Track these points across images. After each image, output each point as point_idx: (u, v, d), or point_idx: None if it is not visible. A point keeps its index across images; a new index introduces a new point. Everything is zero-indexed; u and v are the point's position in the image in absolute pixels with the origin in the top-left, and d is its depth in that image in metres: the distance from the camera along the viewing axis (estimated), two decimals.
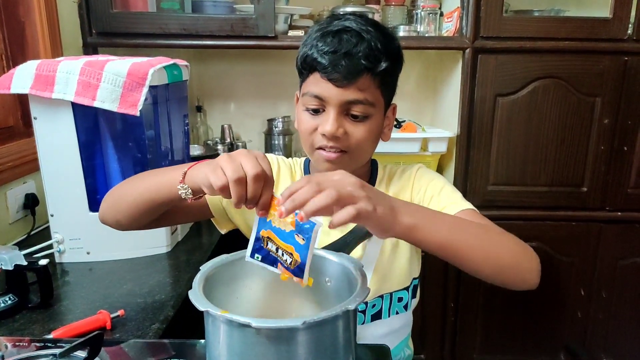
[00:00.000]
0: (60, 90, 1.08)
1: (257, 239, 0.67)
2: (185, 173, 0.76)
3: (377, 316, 0.95)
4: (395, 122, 1.92)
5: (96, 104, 1.07)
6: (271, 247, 0.66)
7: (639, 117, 1.70)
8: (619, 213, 1.77)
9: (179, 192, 0.76)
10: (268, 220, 0.66)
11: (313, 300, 0.74)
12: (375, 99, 0.85)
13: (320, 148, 0.86)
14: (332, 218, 0.61)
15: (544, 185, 1.75)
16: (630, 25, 1.64)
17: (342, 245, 0.78)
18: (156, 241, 1.24)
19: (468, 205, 0.89)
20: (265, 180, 0.65)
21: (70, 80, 1.07)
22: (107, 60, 1.11)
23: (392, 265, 0.95)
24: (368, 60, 0.81)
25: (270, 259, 0.67)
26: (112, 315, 0.90)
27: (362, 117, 0.85)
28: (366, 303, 0.93)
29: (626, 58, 1.65)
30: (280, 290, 0.74)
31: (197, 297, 0.59)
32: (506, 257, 0.76)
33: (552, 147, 1.72)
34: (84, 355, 0.68)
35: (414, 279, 0.99)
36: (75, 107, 1.10)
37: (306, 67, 0.85)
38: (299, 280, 0.64)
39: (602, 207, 1.77)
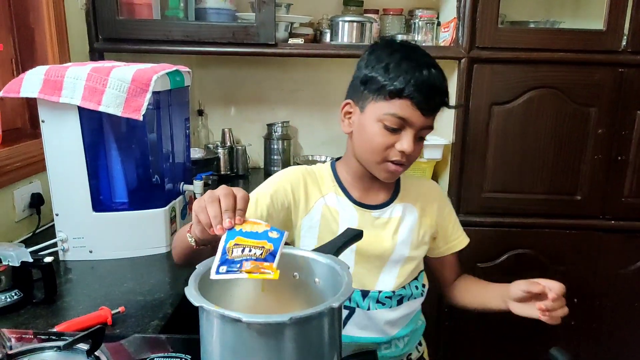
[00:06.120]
0: (68, 95, 1.12)
1: (224, 253, 0.69)
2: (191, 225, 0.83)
3: (401, 301, 1.11)
4: None
5: (101, 108, 1.11)
6: (236, 253, 0.68)
7: (634, 127, 1.72)
8: (614, 222, 1.78)
9: (189, 241, 0.83)
10: (238, 229, 0.71)
11: (303, 299, 0.78)
12: None
13: (390, 161, 0.99)
14: None
15: (540, 193, 1.77)
16: (624, 37, 1.65)
17: (331, 248, 0.82)
18: (156, 241, 1.28)
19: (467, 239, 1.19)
20: (235, 196, 0.74)
21: (77, 86, 1.12)
22: (113, 67, 1.15)
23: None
24: (446, 96, 0.98)
25: (235, 267, 0.68)
26: (113, 312, 0.93)
27: (422, 138, 1.00)
28: (394, 292, 1.09)
29: (621, 70, 1.67)
30: (273, 289, 0.78)
31: (192, 293, 0.63)
32: None
33: (548, 155, 1.74)
34: (86, 348, 0.72)
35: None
36: (82, 111, 1.14)
37: (399, 94, 0.94)
38: (269, 267, 0.66)
39: (598, 216, 1.78)
